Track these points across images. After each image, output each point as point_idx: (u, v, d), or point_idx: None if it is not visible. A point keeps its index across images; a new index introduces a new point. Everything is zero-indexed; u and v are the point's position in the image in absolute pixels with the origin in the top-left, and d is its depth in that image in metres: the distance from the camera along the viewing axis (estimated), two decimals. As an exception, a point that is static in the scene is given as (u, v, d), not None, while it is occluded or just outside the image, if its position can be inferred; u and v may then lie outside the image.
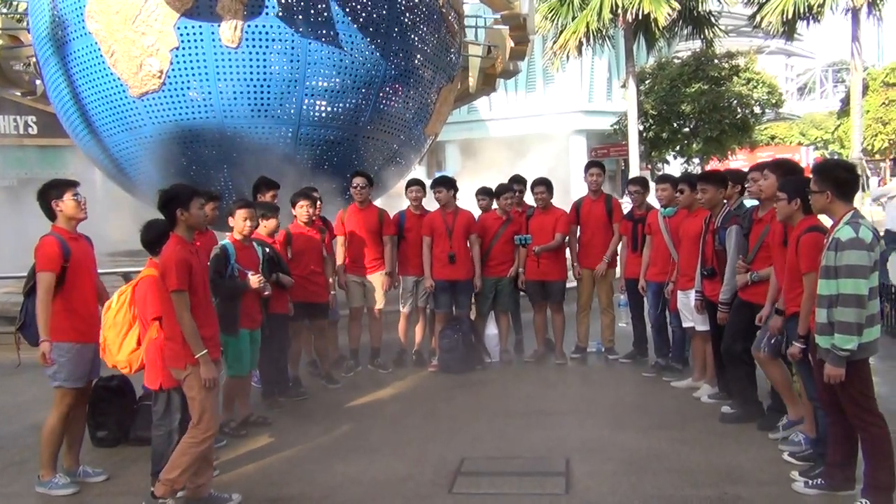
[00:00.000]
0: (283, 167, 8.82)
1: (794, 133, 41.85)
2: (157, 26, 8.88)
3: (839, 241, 3.70)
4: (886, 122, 28.25)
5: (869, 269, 3.68)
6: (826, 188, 3.84)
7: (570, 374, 7.20)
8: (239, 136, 9.33)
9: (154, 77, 9.08)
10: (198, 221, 4.22)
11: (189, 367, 3.97)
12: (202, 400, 3.98)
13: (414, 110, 10.42)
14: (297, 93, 9.19)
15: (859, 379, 3.77)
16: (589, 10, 18.48)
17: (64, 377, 4.46)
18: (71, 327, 4.45)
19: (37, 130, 19.25)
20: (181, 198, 4.11)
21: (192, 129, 9.35)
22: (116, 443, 5.22)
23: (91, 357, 4.58)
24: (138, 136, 9.64)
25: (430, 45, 10.25)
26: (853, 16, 19.29)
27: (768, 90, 22.93)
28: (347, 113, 9.60)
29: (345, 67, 9.32)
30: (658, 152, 23.77)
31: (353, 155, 10.02)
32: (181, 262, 3.95)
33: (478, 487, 4.39)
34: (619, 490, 4.23)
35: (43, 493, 4.47)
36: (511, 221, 7.51)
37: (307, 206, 6.63)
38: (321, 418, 5.87)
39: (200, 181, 9.08)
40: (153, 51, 8.96)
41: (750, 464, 4.55)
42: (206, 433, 3.99)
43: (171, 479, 3.96)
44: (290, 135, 9.42)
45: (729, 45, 26.20)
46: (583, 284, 7.60)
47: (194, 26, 8.85)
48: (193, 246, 4.19)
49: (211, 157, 9.58)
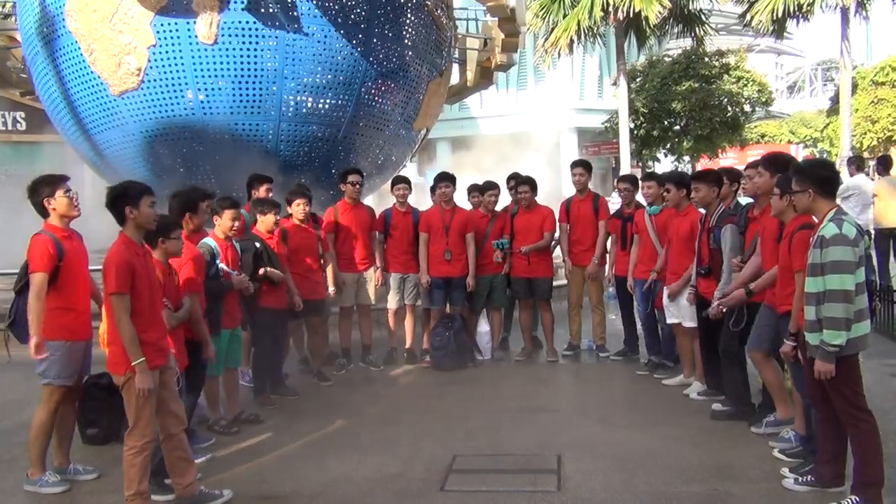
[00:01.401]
0: (265, 163, 8.82)
1: (784, 131, 41.96)
2: (134, 24, 8.88)
3: (823, 238, 3.74)
4: (875, 121, 28.34)
5: (854, 264, 3.71)
6: (808, 187, 3.89)
7: (561, 371, 7.21)
8: (219, 133, 9.31)
9: (133, 75, 9.07)
10: (148, 220, 3.99)
11: (128, 374, 3.83)
12: (139, 407, 3.85)
13: (400, 105, 10.35)
14: (277, 88, 9.16)
15: (849, 375, 3.79)
16: (580, 8, 18.48)
17: (54, 374, 4.44)
18: (63, 326, 4.42)
19: (25, 127, 19.12)
20: (130, 195, 3.93)
21: (172, 127, 9.34)
22: (107, 440, 5.20)
23: (81, 355, 4.56)
24: (123, 135, 9.63)
25: (415, 39, 10.16)
26: (842, 14, 19.36)
27: (758, 88, 23.02)
28: (330, 108, 9.55)
29: (325, 62, 9.26)
30: (649, 150, 23.82)
31: (338, 150, 9.97)
32: (122, 265, 3.78)
33: (469, 485, 4.39)
34: (611, 487, 4.24)
35: (32, 491, 4.44)
36: (497, 218, 7.55)
37: (304, 204, 6.64)
38: (313, 416, 5.86)
39: (185, 179, 9.08)
40: (131, 49, 8.95)
41: (740, 461, 4.58)
42: (142, 440, 3.86)
43: (133, 494, 3.87)
44: (270, 131, 9.38)
45: (719, 43, 26.30)
46: (573, 282, 7.61)
47: (170, 23, 8.82)
48: (141, 248, 4.02)
49: (192, 154, 9.56)
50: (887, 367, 6.55)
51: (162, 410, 4.01)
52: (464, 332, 7.30)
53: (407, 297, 7.53)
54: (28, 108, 18.16)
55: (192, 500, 4.14)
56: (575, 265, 7.57)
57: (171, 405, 4.09)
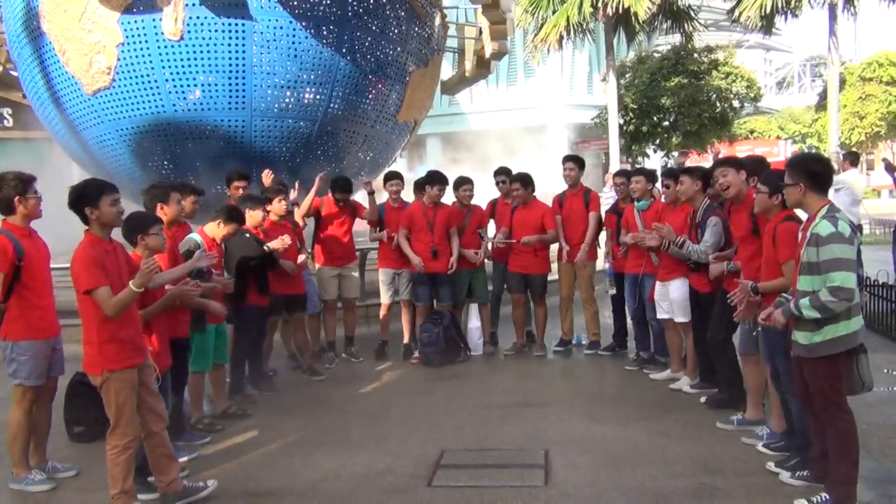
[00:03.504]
0: (238, 158, 8.81)
1: (773, 127, 42.14)
2: (102, 22, 8.88)
3: (819, 236, 3.64)
4: (863, 117, 28.56)
5: (854, 261, 3.66)
6: (799, 181, 3.81)
7: (550, 366, 7.22)
8: (190, 129, 9.28)
9: (104, 73, 9.06)
10: (110, 219, 3.90)
11: (105, 373, 3.81)
12: (119, 406, 3.83)
13: (381, 97, 10.21)
14: (247, 83, 9.08)
15: (833, 373, 3.74)
16: (569, 4, 18.46)
17: (24, 375, 4.41)
18: (27, 326, 4.38)
19: (12, 123, 19.04)
20: (89, 195, 3.86)
21: (146, 125, 9.34)
22: (94, 438, 5.16)
23: (49, 354, 4.52)
24: (101, 133, 9.61)
25: (393, 30, 9.99)
26: (830, 10, 19.41)
27: (747, 84, 23.05)
28: (305, 102, 9.46)
29: (298, 55, 9.17)
30: (638, 146, 23.86)
31: (316, 145, 9.87)
32: (89, 261, 3.73)
33: (457, 480, 4.40)
34: (598, 482, 4.25)
35: (18, 489, 4.42)
36: (472, 213, 7.59)
37: (283, 201, 6.63)
38: (301, 412, 5.86)
39: (164, 176, 9.07)
40: (100, 47, 8.95)
41: (727, 455, 4.60)
42: (124, 439, 3.84)
43: (118, 492, 3.86)
44: (242, 126, 9.31)
45: (708, 39, 26.30)
46: (563, 278, 7.62)
47: (136, 21, 8.78)
48: (110, 244, 3.93)
49: (169, 152, 9.54)
50: (873, 361, 6.57)
51: (142, 408, 3.99)
52: (452, 328, 7.31)
53: (404, 294, 7.56)
54: (14, 105, 18.09)
55: (177, 497, 4.12)
56: (566, 261, 7.58)
57: (151, 403, 4.06)
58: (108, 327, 3.81)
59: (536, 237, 7.35)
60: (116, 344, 3.84)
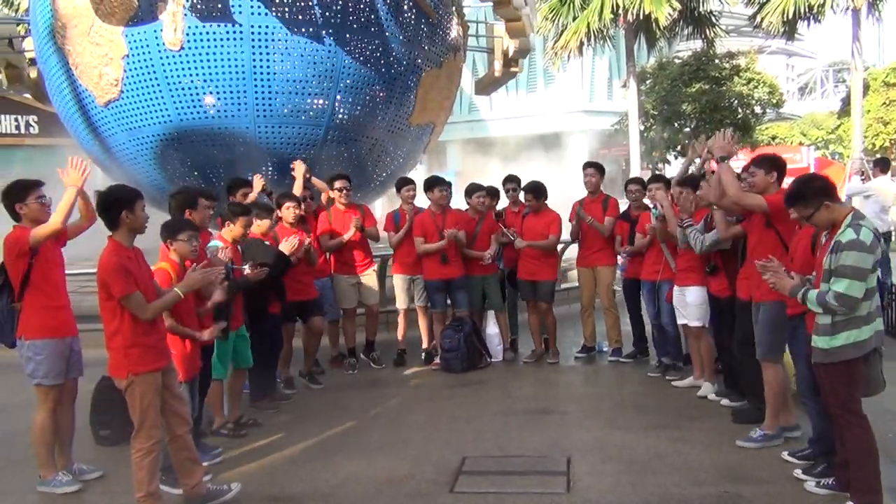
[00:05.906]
0: (248, 165, 8.85)
1: (795, 133, 41.71)
2: (108, 35, 9.06)
3: (840, 243, 3.67)
4: (887, 122, 28.16)
5: (868, 271, 3.65)
6: (820, 202, 3.77)
7: (571, 373, 7.20)
8: (199, 138, 9.38)
9: (113, 85, 9.25)
10: (141, 224, 4.00)
11: (130, 377, 3.86)
12: (143, 409, 3.88)
13: (391, 100, 10.10)
14: (250, 90, 9.11)
15: (849, 378, 3.74)
16: (590, 11, 18.50)
17: (42, 374, 4.46)
18: (42, 325, 4.45)
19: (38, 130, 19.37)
20: (125, 199, 3.95)
21: (155, 135, 9.50)
22: (119, 441, 5.21)
23: (68, 353, 4.57)
24: (114, 144, 9.83)
25: (399, 31, 9.84)
26: (854, 16, 19.27)
27: (769, 90, 22.89)
28: (309, 107, 9.43)
29: (301, 61, 9.17)
30: (659, 152, 23.76)
31: (323, 150, 9.81)
32: (118, 269, 3.79)
33: (479, 486, 4.39)
34: (620, 489, 4.24)
35: (46, 491, 4.48)
36: (484, 220, 7.58)
37: (293, 207, 6.64)
38: (322, 417, 5.88)
39: (179, 183, 9.19)
40: (108, 60, 9.14)
41: (751, 462, 4.56)
42: (148, 441, 3.89)
43: (143, 495, 3.91)
44: (248, 132, 9.35)
45: (730, 44, 26.19)
46: (584, 285, 7.60)
47: (138, 33, 8.95)
48: (132, 251, 3.99)
49: (178, 160, 9.68)
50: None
51: (166, 411, 4.04)
52: (473, 335, 7.31)
53: (418, 300, 7.57)
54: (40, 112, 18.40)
55: (201, 500, 4.16)
56: (586, 267, 7.56)
57: (175, 406, 4.11)
58: (133, 331, 3.87)
59: (527, 242, 7.33)
60: (141, 348, 3.89)
